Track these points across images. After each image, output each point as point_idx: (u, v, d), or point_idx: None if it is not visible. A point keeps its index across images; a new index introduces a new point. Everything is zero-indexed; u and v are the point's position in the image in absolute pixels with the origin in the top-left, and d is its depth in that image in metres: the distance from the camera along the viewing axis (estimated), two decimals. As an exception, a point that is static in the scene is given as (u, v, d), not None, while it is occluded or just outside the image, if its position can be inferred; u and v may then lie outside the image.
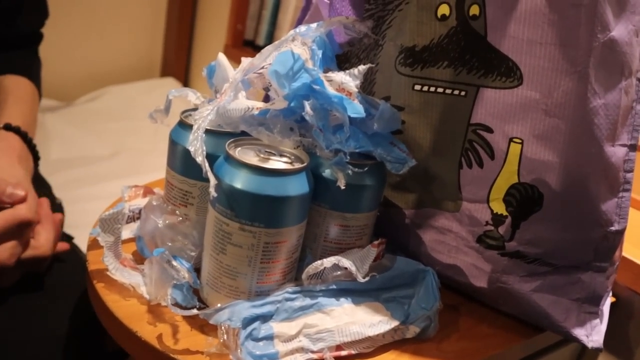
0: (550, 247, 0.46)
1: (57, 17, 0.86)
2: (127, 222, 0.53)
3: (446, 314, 0.49)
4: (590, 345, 0.48)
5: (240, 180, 0.40)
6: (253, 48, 1.60)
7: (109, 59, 1.79)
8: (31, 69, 0.82)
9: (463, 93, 0.45)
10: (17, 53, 0.82)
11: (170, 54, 1.86)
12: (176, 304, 0.43)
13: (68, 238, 0.76)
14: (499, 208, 0.47)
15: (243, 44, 1.63)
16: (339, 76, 0.40)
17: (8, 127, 0.65)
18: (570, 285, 0.48)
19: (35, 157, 0.69)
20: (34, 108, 0.76)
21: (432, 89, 0.46)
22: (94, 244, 0.52)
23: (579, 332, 0.48)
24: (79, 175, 1.29)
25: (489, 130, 0.45)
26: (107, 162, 1.37)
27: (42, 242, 0.57)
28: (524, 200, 0.45)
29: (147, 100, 1.62)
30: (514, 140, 0.45)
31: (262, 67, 0.47)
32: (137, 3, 1.80)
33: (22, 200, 0.54)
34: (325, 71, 0.43)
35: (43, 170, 0.80)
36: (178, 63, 1.86)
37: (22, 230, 0.54)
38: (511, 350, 0.50)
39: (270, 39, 1.56)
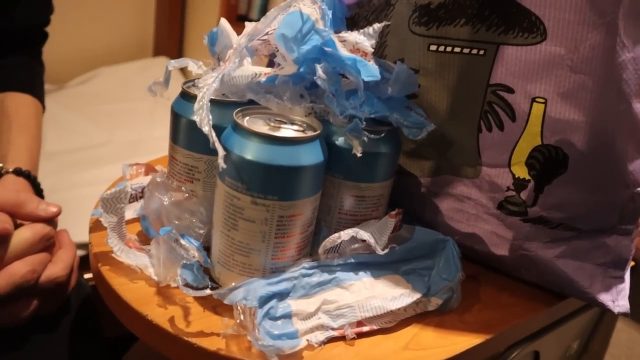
0: (575, 211, 0.45)
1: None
2: (130, 202, 0.51)
3: (466, 284, 0.47)
4: (616, 310, 0.46)
5: (250, 151, 0.37)
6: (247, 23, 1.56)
7: (100, 39, 1.75)
8: (34, 80, 0.76)
9: (482, 52, 0.43)
10: (18, 59, 0.76)
11: (162, 32, 1.82)
12: (187, 285, 0.41)
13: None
14: (521, 172, 0.44)
15: (237, 19, 1.59)
16: (353, 36, 0.38)
17: (19, 172, 0.61)
18: (595, 249, 0.46)
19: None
20: (38, 134, 0.71)
21: (449, 48, 0.44)
22: (96, 226, 0.50)
23: (605, 298, 0.47)
24: (74, 160, 1.26)
25: (510, 90, 0.43)
26: (102, 146, 1.34)
27: (59, 263, 0.53)
28: (548, 162, 0.43)
29: (141, 81, 1.58)
30: (537, 100, 0.42)
31: (267, 33, 0.44)
32: (126, -20, 1.75)
33: (58, 213, 0.52)
34: (336, 33, 0.40)
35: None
36: (171, 41, 1.82)
37: (43, 245, 0.51)
38: (534, 319, 0.49)
39: (263, 13, 1.52)
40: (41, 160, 0.76)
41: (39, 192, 0.63)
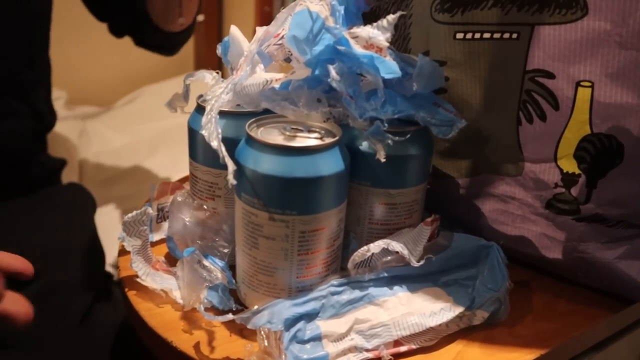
0: (635, 206, 0.39)
1: (87, 25, 0.81)
2: (159, 222, 0.50)
3: (516, 292, 0.43)
4: (693, 315, 0.41)
5: (264, 164, 0.35)
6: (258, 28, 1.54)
7: (142, 59, 1.78)
8: None
9: (515, 35, 0.39)
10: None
11: (201, 46, 1.84)
12: (211, 308, 0.39)
13: (107, 275, 0.71)
14: (570, 166, 0.40)
15: (272, 27, 1.58)
16: (365, 31, 0.34)
17: None
18: (662, 248, 0.41)
19: None
20: None
21: (477, 35, 0.40)
22: (125, 249, 0.48)
23: (679, 301, 0.41)
24: (124, 179, 1.28)
25: (550, 75, 0.38)
26: (149, 163, 1.36)
27: None
28: (600, 153, 0.38)
29: (184, 97, 1.60)
30: (582, 83, 0.38)
31: (281, 37, 0.42)
32: (163, -1, 1.78)
33: None
34: (350, 29, 0.37)
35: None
36: (210, 54, 1.83)
37: None
38: (596, 329, 0.44)
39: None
40: (88, 178, 0.76)
41: None
